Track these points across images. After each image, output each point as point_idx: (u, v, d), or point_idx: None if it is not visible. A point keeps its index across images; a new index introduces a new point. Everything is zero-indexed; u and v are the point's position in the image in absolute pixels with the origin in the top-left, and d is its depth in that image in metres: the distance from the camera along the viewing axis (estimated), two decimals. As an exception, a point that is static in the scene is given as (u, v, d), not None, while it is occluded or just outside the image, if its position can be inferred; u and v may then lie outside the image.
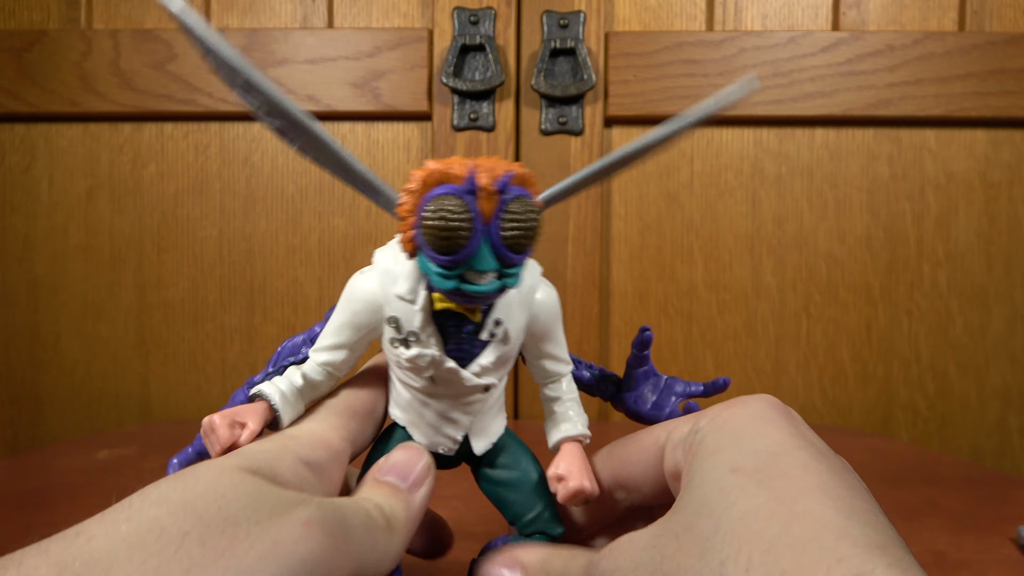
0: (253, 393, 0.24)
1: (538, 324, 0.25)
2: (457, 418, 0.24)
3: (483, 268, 0.21)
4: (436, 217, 0.20)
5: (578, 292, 0.67)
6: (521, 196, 0.21)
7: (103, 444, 0.54)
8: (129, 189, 0.68)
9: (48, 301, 0.69)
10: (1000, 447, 0.67)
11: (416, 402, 0.25)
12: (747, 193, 0.67)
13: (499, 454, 0.26)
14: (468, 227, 0.20)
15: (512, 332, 0.24)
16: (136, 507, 0.18)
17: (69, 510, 0.39)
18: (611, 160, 0.23)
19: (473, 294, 0.21)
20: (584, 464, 0.24)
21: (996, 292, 0.67)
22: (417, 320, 0.23)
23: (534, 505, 0.25)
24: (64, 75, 0.66)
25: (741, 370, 0.68)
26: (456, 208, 0.20)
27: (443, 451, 0.25)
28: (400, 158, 0.67)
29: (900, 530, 0.18)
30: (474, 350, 0.24)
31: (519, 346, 0.25)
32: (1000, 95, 0.64)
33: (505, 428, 0.26)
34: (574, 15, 0.64)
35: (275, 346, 0.75)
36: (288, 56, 0.65)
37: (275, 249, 0.68)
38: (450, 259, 0.21)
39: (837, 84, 0.64)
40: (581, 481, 0.23)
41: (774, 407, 0.23)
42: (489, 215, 0.20)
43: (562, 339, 0.26)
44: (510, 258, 0.21)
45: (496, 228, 0.21)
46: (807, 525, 0.17)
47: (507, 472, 0.26)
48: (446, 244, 0.20)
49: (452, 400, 0.24)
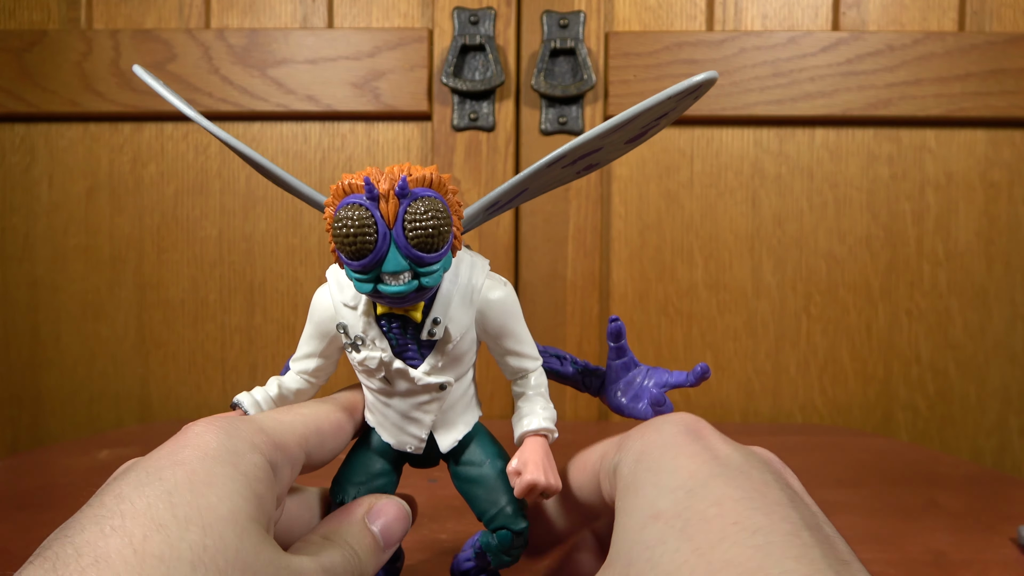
0: (233, 403, 0.26)
1: (489, 321, 0.25)
2: (419, 417, 0.25)
3: (393, 270, 0.22)
4: (341, 226, 0.21)
5: (578, 292, 0.67)
6: (424, 196, 0.22)
7: (103, 444, 0.54)
8: (129, 189, 0.68)
9: (48, 301, 0.69)
10: (1000, 447, 0.67)
11: (379, 403, 0.26)
12: (747, 193, 0.67)
13: (465, 451, 0.26)
14: (372, 232, 0.21)
15: (453, 330, 0.24)
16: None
17: (69, 510, 0.39)
18: (537, 168, 0.24)
19: (391, 295, 0.22)
20: (542, 458, 0.24)
21: (996, 292, 0.67)
22: (361, 324, 0.24)
23: (497, 500, 0.25)
24: (64, 75, 0.66)
25: (741, 370, 0.68)
26: (358, 216, 0.21)
27: (411, 450, 0.26)
28: (400, 158, 0.67)
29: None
30: (423, 350, 0.24)
31: (473, 343, 0.25)
32: (1000, 95, 0.64)
33: (475, 424, 0.26)
34: (574, 15, 0.64)
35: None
36: (288, 56, 0.65)
37: (275, 249, 0.68)
38: (361, 264, 0.22)
39: (837, 84, 0.64)
40: (535, 475, 0.23)
41: (684, 431, 0.23)
42: (391, 218, 0.21)
43: (523, 335, 0.26)
44: (420, 257, 0.22)
45: (400, 230, 0.21)
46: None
47: (473, 468, 0.26)
48: (353, 250, 0.21)
49: (411, 399, 0.25)
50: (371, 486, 0.26)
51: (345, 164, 0.68)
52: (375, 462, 0.26)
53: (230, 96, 0.66)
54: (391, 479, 0.26)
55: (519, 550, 0.26)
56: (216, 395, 0.69)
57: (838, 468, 0.48)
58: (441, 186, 0.22)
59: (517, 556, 0.26)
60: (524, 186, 0.25)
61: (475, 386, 0.27)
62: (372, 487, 0.26)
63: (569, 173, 0.26)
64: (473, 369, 0.26)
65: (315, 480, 0.27)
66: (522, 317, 0.26)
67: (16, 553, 0.33)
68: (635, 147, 0.27)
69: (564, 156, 0.24)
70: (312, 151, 0.68)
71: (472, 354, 0.26)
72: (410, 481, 0.27)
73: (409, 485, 0.28)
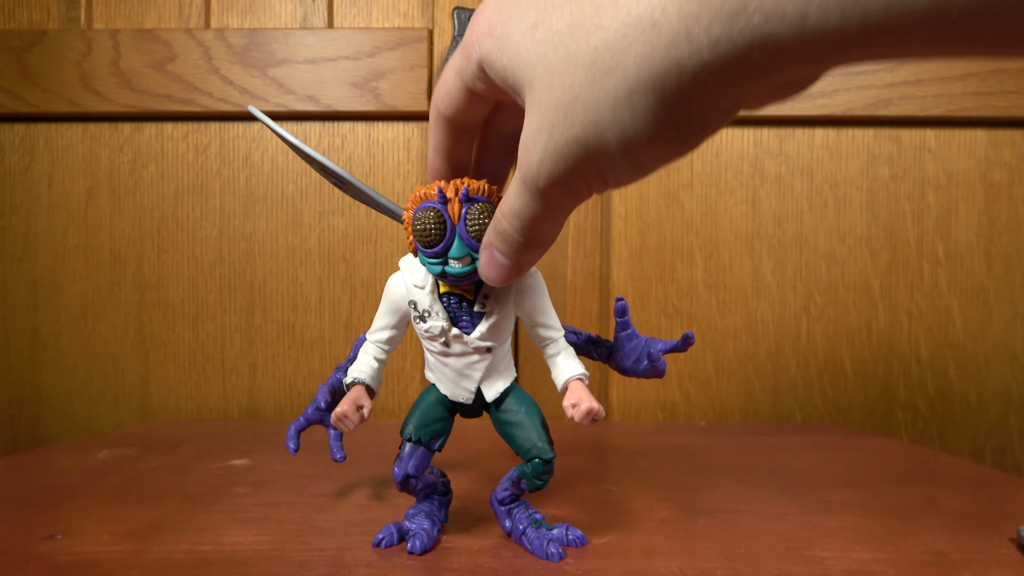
0: (349, 381, 0.34)
1: (523, 299, 0.33)
2: (469, 374, 0.33)
3: (458, 255, 0.30)
4: (419, 223, 0.30)
5: (578, 292, 0.67)
6: (480, 201, 0.29)
7: (103, 444, 0.54)
8: (129, 189, 0.68)
9: (48, 301, 0.69)
10: (1000, 447, 0.67)
11: (438, 363, 0.33)
12: (747, 193, 0.67)
13: (505, 400, 0.33)
14: (442, 227, 0.29)
15: (498, 304, 0.32)
16: None
17: (69, 510, 0.39)
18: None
19: (455, 274, 0.30)
20: (588, 393, 0.31)
21: (996, 292, 0.67)
22: (427, 300, 0.32)
23: (531, 437, 0.32)
24: (64, 75, 0.66)
25: (741, 370, 0.68)
26: (432, 215, 0.29)
27: (463, 400, 0.33)
28: (400, 158, 0.67)
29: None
30: (474, 320, 0.32)
31: (512, 317, 0.33)
32: (1000, 95, 0.64)
33: (512, 382, 0.34)
34: (574, 15, 0.64)
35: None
36: (288, 56, 0.65)
37: (275, 249, 0.68)
38: (434, 251, 0.30)
39: (837, 84, 0.64)
40: (590, 403, 0.30)
41: None
42: (456, 217, 0.29)
43: (550, 311, 0.33)
44: (476, 246, 0.29)
45: (462, 226, 0.29)
46: None
47: (512, 414, 0.33)
48: (428, 241, 0.30)
49: (464, 359, 0.33)
50: (430, 428, 0.33)
51: (345, 164, 0.68)
52: (434, 410, 0.34)
53: (230, 96, 0.66)
54: (446, 424, 0.34)
55: (548, 475, 0.32)
56: (216, 395, 0.69)
57: (838, 468, 0.48)
58: (491, 195, 0.30)
59: (546, 481, 0.33)
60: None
61: (511, 352, 0.34)
62: (432, 429, 0.33)
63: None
64: (510, 338, 0.34)
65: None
66: (549, 298, 0.33)
67: (16, 553, 0.33)
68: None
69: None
70: (312, 151, 0.68)
71: (511, 325, 0.33)
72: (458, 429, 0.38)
73: (457, 431, 0.38)
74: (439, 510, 0.36)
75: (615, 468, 0.48)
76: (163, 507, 0.40)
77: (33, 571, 0.31)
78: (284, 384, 0.69)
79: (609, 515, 0.39)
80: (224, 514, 0.39)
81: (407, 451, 0.33)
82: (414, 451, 0.33)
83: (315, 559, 0.32)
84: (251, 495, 0.42)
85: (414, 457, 0.33)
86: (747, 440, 0.57)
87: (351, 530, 0.36)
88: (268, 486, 0.44)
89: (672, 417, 0.68)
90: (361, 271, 0.68)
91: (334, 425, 0.32)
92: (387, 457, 0.50)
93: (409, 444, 0.33)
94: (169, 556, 0.33)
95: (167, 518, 0.38)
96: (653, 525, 0.37)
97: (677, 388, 0.68)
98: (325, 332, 0.68)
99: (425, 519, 0.35)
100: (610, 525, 0.37)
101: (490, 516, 0.38)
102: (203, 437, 0.57)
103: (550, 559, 0.32)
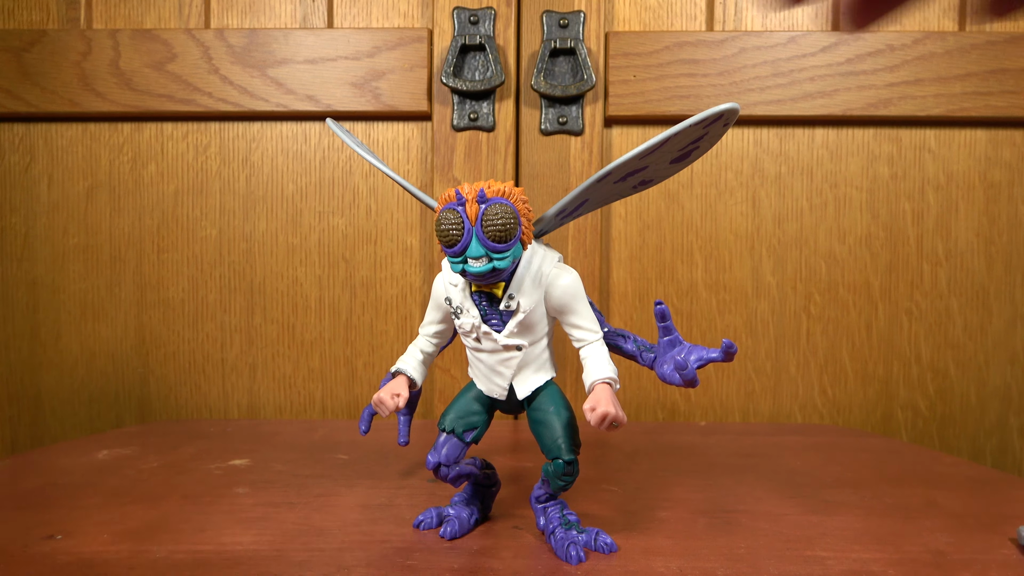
0: (393, 370, 0.36)
1: (552, 300, 0.33)
2: (502, 371, 0.34)
3: (475, 255, 0.31)
4: (440, 224, 0.31)
5: (578, 292, 0.67)
6: (498, 203, 0.30)
7: (102, 444, 0.54)
8: (129, 189, 0.68)
9: (48, 301, 0.69)
10: (1000, 447, 0.67)
11: (474, 358, 0.35)
12: (747, 193, 0.67)
13: (537, 399, 0.34)
14: (459, 227, 0.31)
15: (524, 304, 0.33)
16: None
17: (69, 510, 0.39)
18: (601, 175, 0.31)
19: (474, 273, 0.31)
20: (610, 397, 0.31)
21: (996, 292, 0.67)
22: (460, 297, 0.34)
23: (555, 437, 0.33)
24: (64, 75, 0.66)
25: (741, 370, 0.68)
26: (451, 216, 0.31)
27: (496, 396, 0.35)
28: (400, 158, 0.67)
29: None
30: (504, 318, 0.33)
31: (544, 317, 0.34)
32: (1000, 95, 0.64)
33: (548, 381, 0.34)
34: (574, 15, 0.64)
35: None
36: (288, 56, 0.65)
37: (275, 249, 0.68)
38: (453, 251, 0.31)
39: (837, 84, 0.64)
40: (607, 408, 0.30)
41: None
42: (473, 218, 0.30)
43: (584, 313, 0.33)
44: (494, 247, 0.30)
45: (479, 226, 0.30)
46: None
47: (540, 413, 0.34)
48: (448, 241, 0.31)
49: (496, 356, 0.34)
50: (466, 420, 0.35)
51: (345, 164, 0.68)
52: (472, 404, 0.35)
53: (230, 96, 0.66)
54: (483, 418, 0.35)
55: (570, 477, 0.33)
56: (216, 395, 0.69)
57: (838, 468, 0.48)
58: (513, 196, 0.31)
59: (569, 483, 0.33)
60: (583, 198, 0.33)
61: (550, 351, 0.35)
62: (467, 422, 0.35)
63: (624, 188, 0.33)
64: (548, 337, 0.35)
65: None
66: (585, 300, 0.34)
67: (16, 553, 0.33)
68: (682, 168, 0.33)
69: (610, 174, 0.31)
70: (312, 151, 0.68)
71: (544, 325, 0.34)
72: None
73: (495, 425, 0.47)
74: (481, 500, 0.38)
75: (615, 468, 0.48)
76: (163, 507, 0.40)
77: (33, 571, 0.31)
78: (284, 384, 0.69)
79: (609, 515, 0.39)
80: (224, 514, 0.39)
81: (441, 440, 0.34)
82: (447, 441, 0.34)
83: (315, 559, 0.32)
84: (251, 495, 0.42)
85: (447, 447, 0.34)
86: (747, 440, 0.57)
87: (351, 530, 0.36)
88: (268, 486, 0.44)
89: (672, 417, 0.68)
90: (361, 271, 0.68)
91: (374, 408, 0.34)
92: (388, 457, 0.50)
93: (444, 434, 0.35)
94: (169, 556, 0.33)
95: (167, 518, 0.38)
96: (653, 525, 0.37)
97: (677, 388, 0.68)
98: (325, 332, 0.68)
99: (464, 507, 0.37)
100: (610, 525, 0.37)
101: (494, 516, 0.39)
102: (203, 437, 0.57)
103: (568, 561, 0.32)
